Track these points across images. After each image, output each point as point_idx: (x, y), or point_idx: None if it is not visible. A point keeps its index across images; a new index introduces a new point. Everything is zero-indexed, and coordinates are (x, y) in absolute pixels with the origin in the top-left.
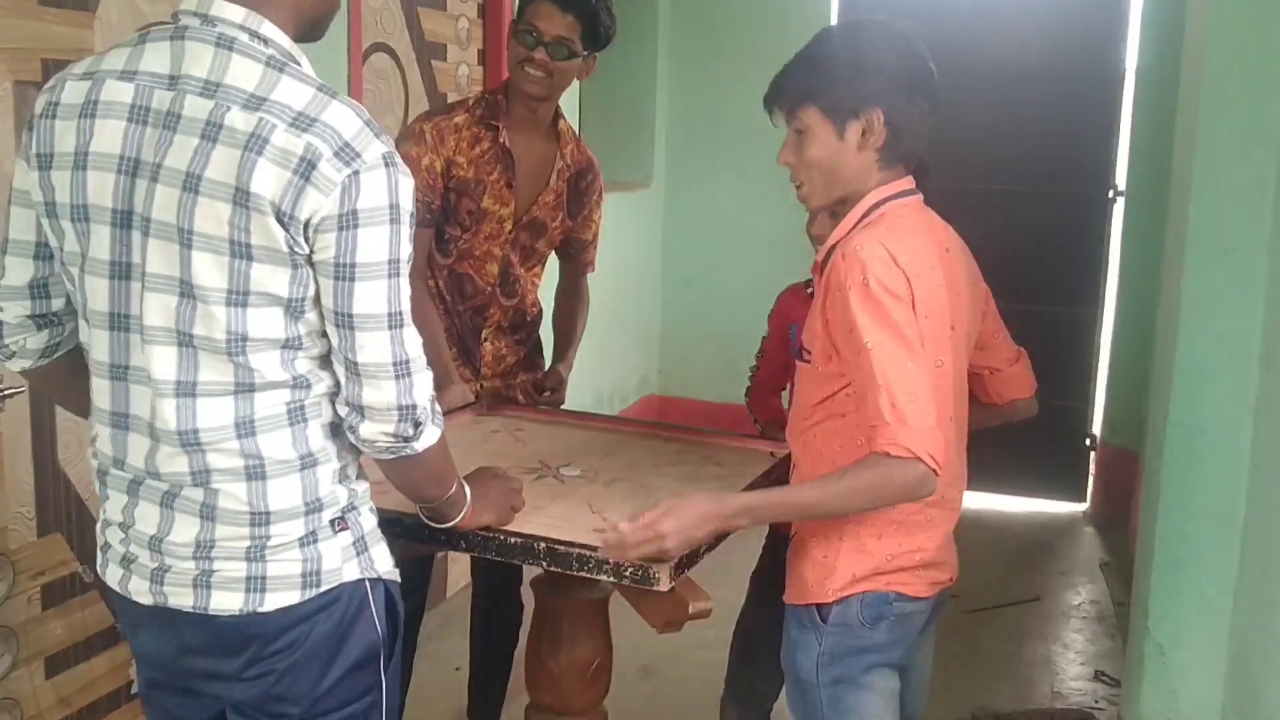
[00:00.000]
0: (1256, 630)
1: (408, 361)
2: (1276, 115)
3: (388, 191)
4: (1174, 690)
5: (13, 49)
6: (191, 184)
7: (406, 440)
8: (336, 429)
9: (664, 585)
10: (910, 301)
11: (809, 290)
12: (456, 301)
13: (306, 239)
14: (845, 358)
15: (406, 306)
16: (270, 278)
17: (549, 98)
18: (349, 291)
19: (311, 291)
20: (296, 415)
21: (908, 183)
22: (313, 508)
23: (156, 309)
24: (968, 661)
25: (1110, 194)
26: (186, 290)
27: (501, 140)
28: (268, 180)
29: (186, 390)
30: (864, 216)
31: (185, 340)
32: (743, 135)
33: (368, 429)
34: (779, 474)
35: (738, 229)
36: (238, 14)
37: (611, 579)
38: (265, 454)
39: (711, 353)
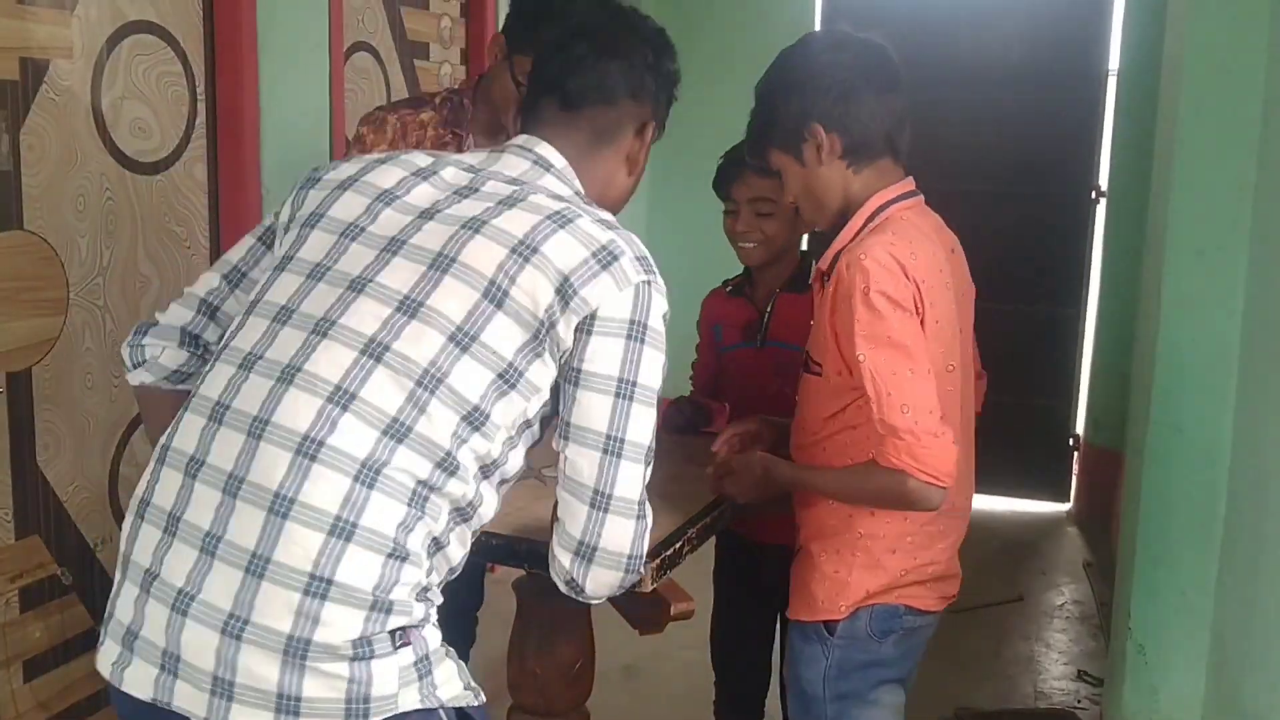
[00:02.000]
0: (1236, 628)
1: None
2: (1255, 117)
3: (663, 318)
4: (1155, 688)
5: None
6: (473, 225)
7: (570, 585)
8: (438, 547)
9: (646, 587)
10: (916, 310)
11: (727, 290)
12: None
13: (579, 328)
14: (854, 369)
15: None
16: (505, 335)
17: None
18: (626, 412)
19: (532, 375)
20: (419, 499)
21: (908, 184)
22: (380, 605)
23: (363, 313)
24: (950, 661)
25: (1093, 194)
26: (410, 307)
27: (466, 148)
28: (562, 248)
29: (341, 398)
30: (868, 221)
31: (373, 350)
32: (722, 140)
33: (555, 560)
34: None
35: (719, 232)
36: (559, 160)
37: None
38: (365, 515)
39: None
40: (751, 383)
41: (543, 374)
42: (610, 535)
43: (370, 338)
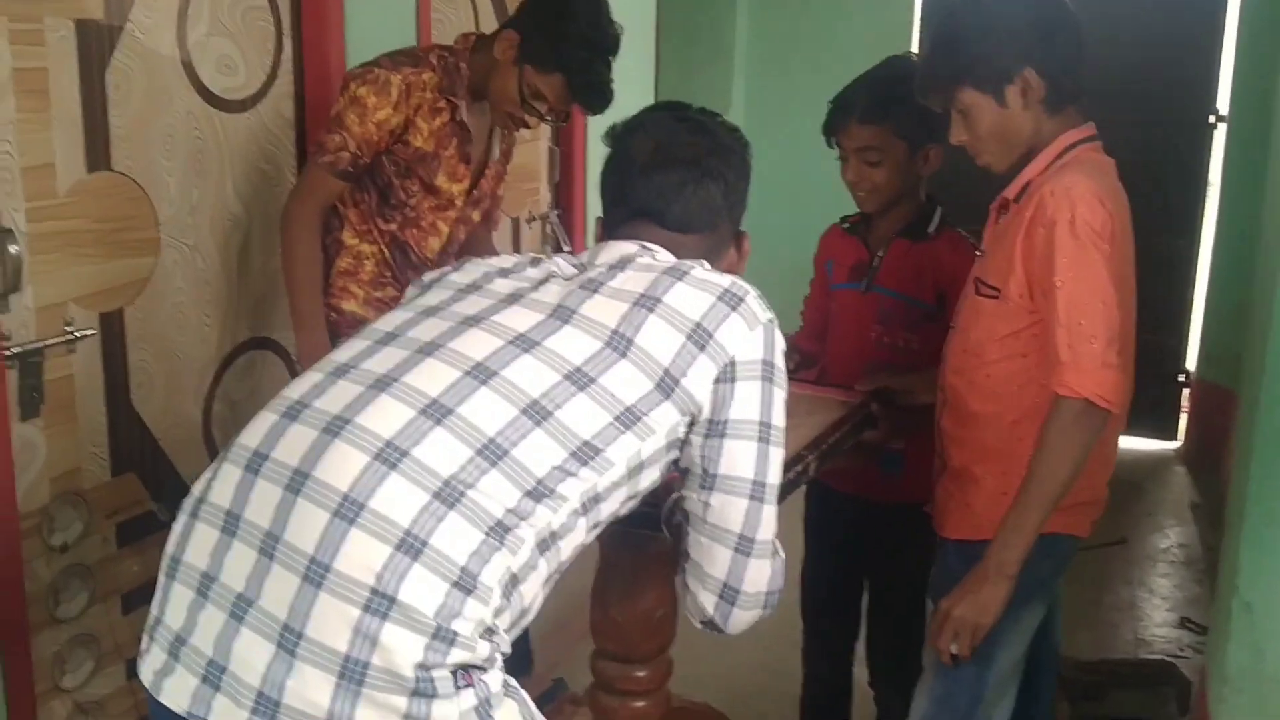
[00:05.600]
0: None
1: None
2: None
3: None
4: (1260, 649)
5: None
6: (590, 286)
7: (708, 625)
8: (515, 583)
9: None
10: (1112, 242)
11: (845, 227)
12: (403, 270)
13: (719, 379)
14: (1037, 294)
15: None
16: (626, 382)
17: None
18: (767, 456)
19: (651, 419)
20: (499, 531)
21: (1090, 129)
22: (443, 635)
23: (473, 340)
24: None
25: (1210, 119)
26: (526, 344)
27: (459, 116)
28: (685, 297)
29: (436, 413)
30: (1058, 157)
31: (479, 373)
32: (825, 61)
33: (694, 600)
34: (851, 421)
35: (821, 160)
36: (669, 258)
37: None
38: (437, 537)
39: (792, 289)
40: (853, 327)
41: (662, 419)
42: (753, 578)
43: (478, 362)
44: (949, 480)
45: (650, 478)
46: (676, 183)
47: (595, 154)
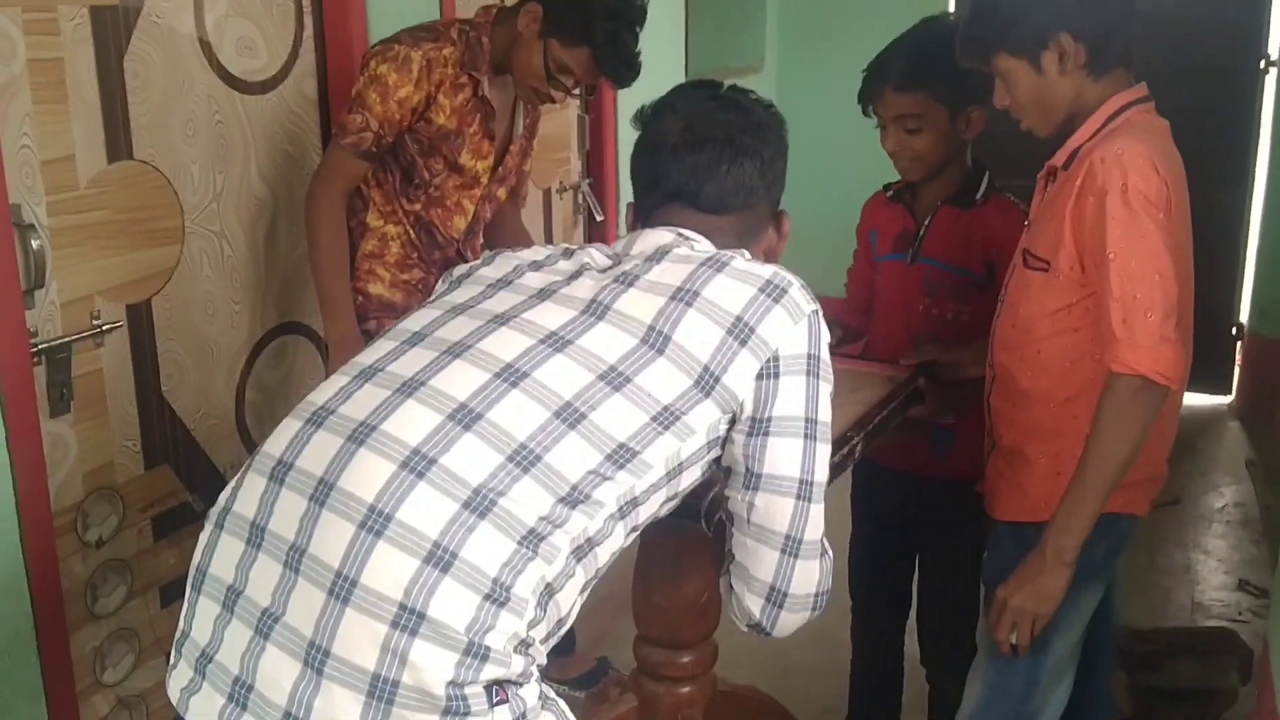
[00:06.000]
0: None
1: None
2: None
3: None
4: None
5: None
6: (625, 279)
7: (755, 628)
8: (550, 593)
9: None
10: (1168, 210)
11: (888, 195)
12: (429, 251)
13: (761, 375)
14: (1089, 266)
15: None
16: (664, 381)
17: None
18: (813, 453)
19: (691, 419)
20: (531, 540)
21: (1142, 90)
22: (475, 651)
23: (503, 341)
24: None
25: (1261, 64)
26: (557, 343)
27: (481, 92)
28: (724, 289)
29: (465, 417)
30: (1107, 122)
31: (510, 375)
32: (863, 22)
33: (741, 604)
34: (898, 398)
35: (861, 124)
36: (701, 238)
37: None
38: (468, 548)
39: (831, 245)
40: (899, 300)
41: (701, 418)
42: (801, 579)
43: (507, 363)
44: (1000, 460)
45: (690, 478)
46: (709, 162)
47: (626, 121)
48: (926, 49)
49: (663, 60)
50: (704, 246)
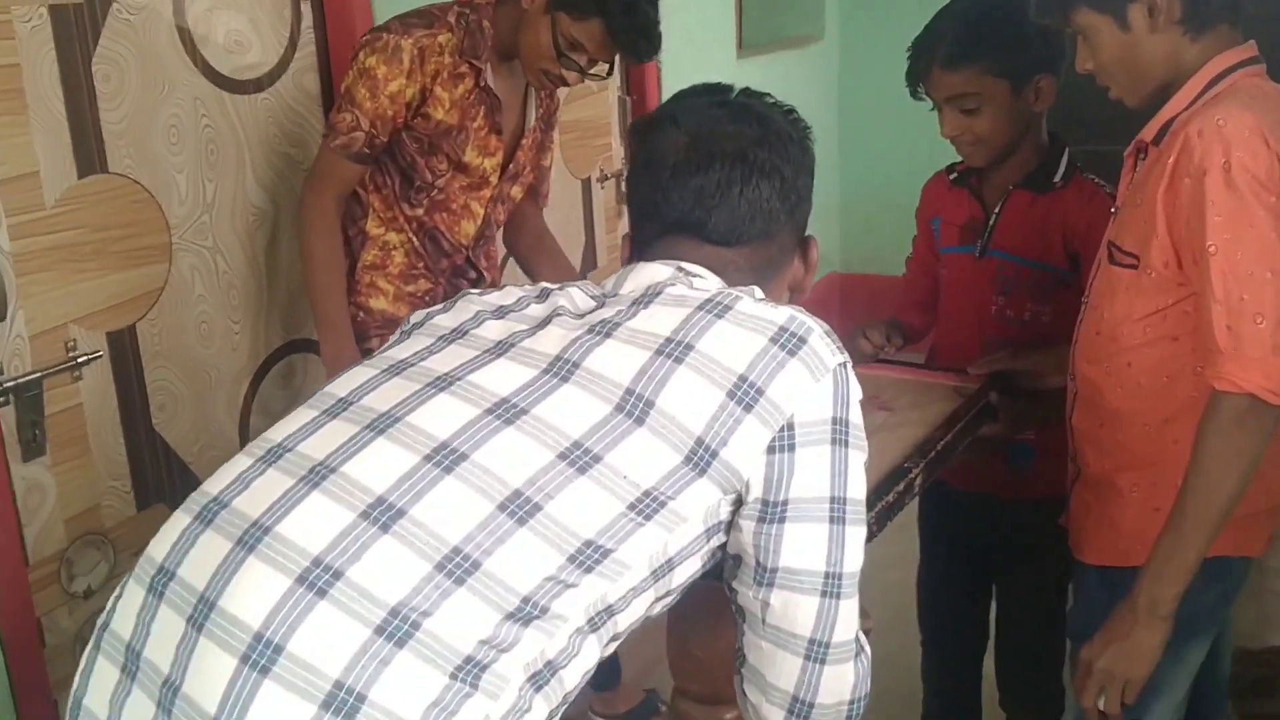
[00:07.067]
0: None
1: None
2: None
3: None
4: None
5: None
6: (603, 328)
7: None
8: (538, 687)
9: None
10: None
11: (951, 177)
12: (436, 260)
13: (772, 448)
14: (1187, 262)
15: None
16: (644, 457)
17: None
18: (842, 539)
19: (679, 505)
20: (469, 671)
21: (1250, 49)
22: None
23: (441, 411)
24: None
25: None
26: (508, 413)
27: (484, 82)
28: (725, 340)
29: (382, 515)
30: (1208, 87)
31: (443, 457)
32: None
33: (754, 709)
34: (966, 416)
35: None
36: (707, 272)
37: None
38: (379, 688)
39: (898, 224)
40: (967, 298)
41: (695, 503)
42: (830, 688)
43: (442, 441)
44: (1086, 491)
45: (687, 572)
46: (719, 183)
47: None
48: (975, 17)
49: (712, 30)
50: (708, 284)
